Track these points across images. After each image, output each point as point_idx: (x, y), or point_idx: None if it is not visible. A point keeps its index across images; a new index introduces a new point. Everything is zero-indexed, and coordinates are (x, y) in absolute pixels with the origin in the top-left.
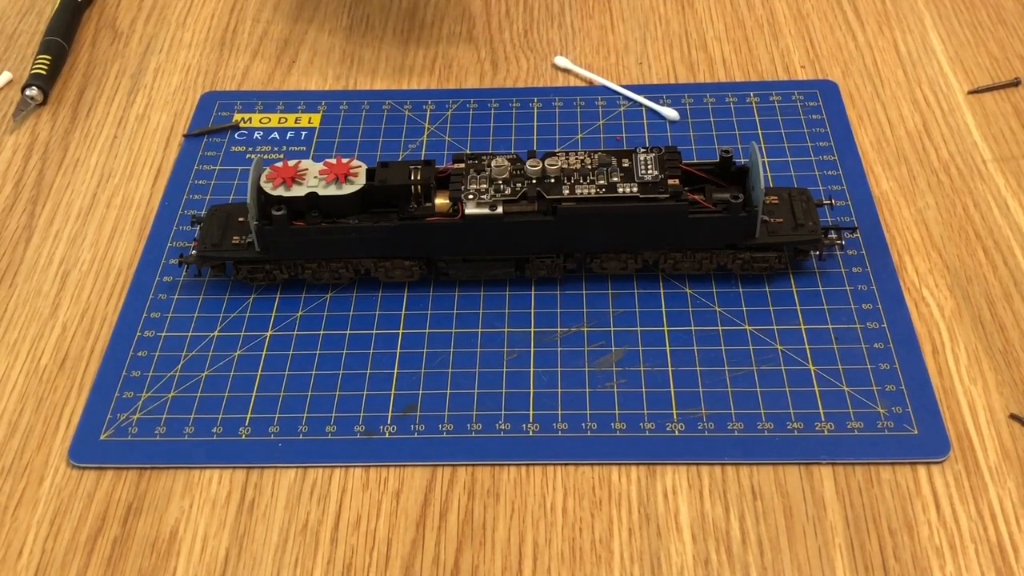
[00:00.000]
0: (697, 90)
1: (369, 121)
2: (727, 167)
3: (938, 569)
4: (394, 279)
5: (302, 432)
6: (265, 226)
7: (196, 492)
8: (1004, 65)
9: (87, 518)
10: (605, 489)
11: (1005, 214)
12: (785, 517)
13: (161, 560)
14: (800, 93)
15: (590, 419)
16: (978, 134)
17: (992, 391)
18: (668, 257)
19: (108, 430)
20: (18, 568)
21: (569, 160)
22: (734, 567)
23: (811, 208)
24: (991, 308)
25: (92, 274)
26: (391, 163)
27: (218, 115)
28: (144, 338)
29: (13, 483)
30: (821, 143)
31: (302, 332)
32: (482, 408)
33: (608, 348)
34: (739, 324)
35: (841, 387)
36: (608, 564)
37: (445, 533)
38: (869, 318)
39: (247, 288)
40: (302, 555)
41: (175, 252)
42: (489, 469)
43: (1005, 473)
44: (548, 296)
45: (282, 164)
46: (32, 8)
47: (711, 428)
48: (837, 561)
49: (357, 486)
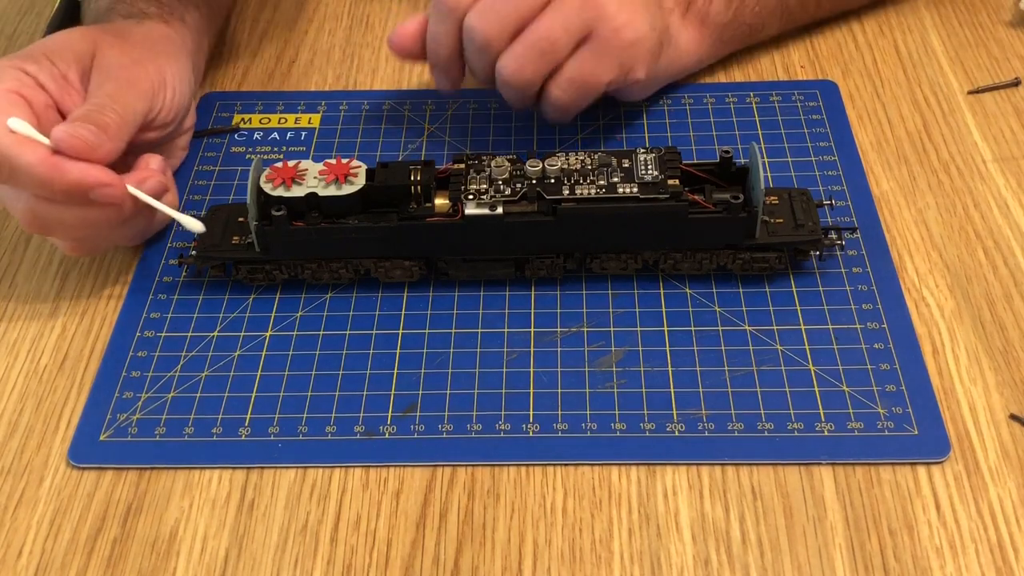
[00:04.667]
0: (697, 90)
1: (369, 121)
2: (727, 167)
3: (938, 569)
4: (394, 279)
5: (302, 432)
6: (265, 226)
7: (196, 492)
8: (1004, 65)
9: (87, 518)
10: (605, 489)
11: (1005, 214)
12: (785, 517)
13: (161, 560)
14: (800, 93)
15: (590, 419)
16: (978, 134)
17: (992, 391)
18: (668, 257)
19: (108, 430)
20: (18, 568)
21: (569, 160)
22: (734, 567)
23: (811, 208)
24: (991, 308)
25: (92, 274)
26: (391, 163)
27: (218, 115)
28: (144, 338)
29: (13, 483)
30: (821, 143)
31: (302, 332)
32: (482, 408)
33: (608, 348)
34: (739, 324)
35: (841, 387)
36: (608, 564)
37: (445, 533)
38: (869, 318)
39: (247, 288)
40: (302, 555)
41: (175, 252)
42: (489, 469)
43: (1005, 473)
44: (548, 296)
45: (282, 164)
46: (32, 8)
47: (711, 428)
48: (837, 561)
49: (357, 486)
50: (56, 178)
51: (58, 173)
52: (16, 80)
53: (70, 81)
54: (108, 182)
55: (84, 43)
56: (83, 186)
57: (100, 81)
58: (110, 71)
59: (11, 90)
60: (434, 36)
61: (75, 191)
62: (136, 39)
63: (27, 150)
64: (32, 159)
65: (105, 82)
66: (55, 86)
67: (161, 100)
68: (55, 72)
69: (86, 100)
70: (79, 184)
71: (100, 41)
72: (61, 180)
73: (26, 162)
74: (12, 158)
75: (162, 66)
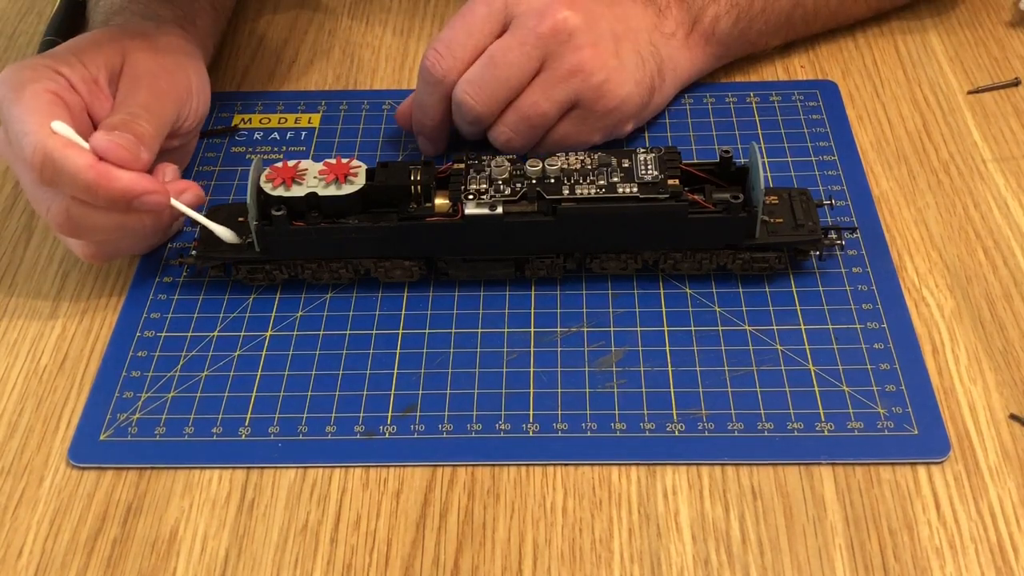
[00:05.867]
0: (697, 90)
1: (369, 121)
2: (727, 167)
3: (938, 569)
4: (394, 279)
5: (302, 432)
6: (265, 226)
7: (196, 492)
8: (1004, 65)
9: (87, 518)
10: (605, 489)
11: (1005, 214)
12: (785, 517)
13: (161, 560)
14: (800, 93)
15: (590, 419)
16: (978, 134)
17: (992, 391)
18: (668, 257)
19: (108, 430)
20: (18, 568)
21: (569, 160)
22: (734, 567)
23: (811, 208)
24: (991, 308)
25: (92, 274)
26: (391, 163)
27: (218, 115)
28: (144, 338)
29: (13, 483)
30: (821, 143)
31: (302, 332)
32: (482, 408)
33: (608, 348)
34: (739, 324)
35: (841, 387)
36: (608, 564)
37: (445, 533)
38: (869, 318)
39: (247, 288)
40: (302, 555)
41: (175, 252)
42: (489, 469)
43: (1005, 473)
44: (548, 296)
45: (282, 164)
46: (32, 8)
47: (711, 428)
48: (837, 561)
49: (357, 486)
50: (104, 184)
51: (106, 180)
52: (53, 81)
53: (100, 85)
54: (155, 190)
55: (113, 47)
56: (132, 194)
57: (131, 89)
58: (140, 79)
59: (49, 91)
60: (421, 106)
61: (122, 198)
62: (162, 46)
63: (74, 154)
64: (81, 163)
65: (137, 90)
66: (86, 89)
67: (188, 109)
68: (86, 75)
69: (117, 107)
70: (127, 192)
71: (129, 46)
72: (109, 187)
73: (74, 166)
74: (59, 160)
75: (188, 75)
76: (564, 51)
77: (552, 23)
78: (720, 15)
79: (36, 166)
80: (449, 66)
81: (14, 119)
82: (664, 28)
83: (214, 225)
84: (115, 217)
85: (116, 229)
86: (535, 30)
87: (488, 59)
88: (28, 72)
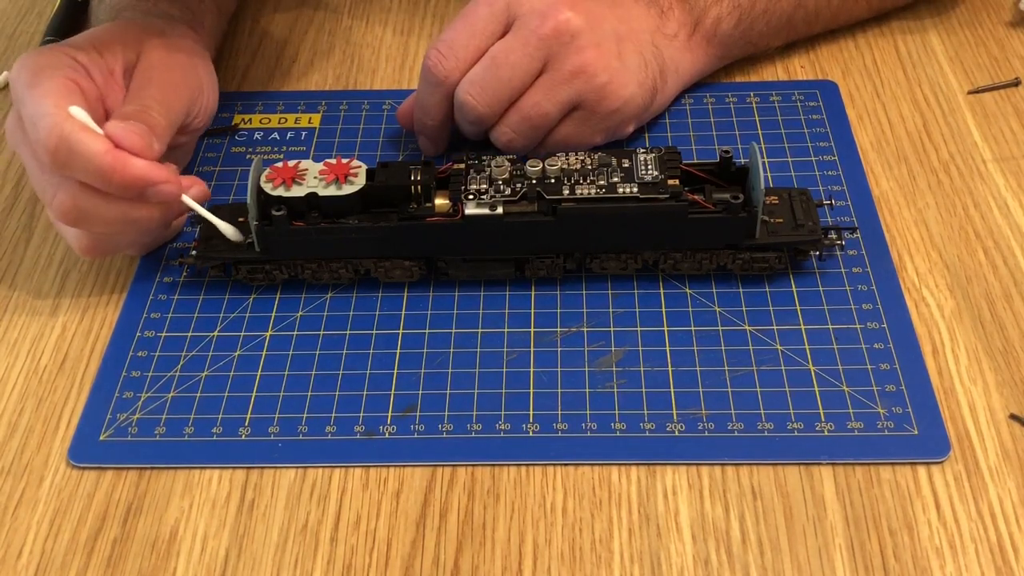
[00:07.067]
0: (697, 90)
1: (369, 121)
2: (727, 167)
3: (938, 569)
4: (394, 279)
5: (302, 432)
6: (265, 226)
7: (196, 492)
8: (1004, 65)
9: (87, 518)
10: (605, 489)
11: (1005, 214)
12: (785, 517)
13: (161, 560)
14: (800, 93)
15: (590, 419)
16: (978, 134)
17: (992, 391)
18: (668, 257)
19: (108, 430)
20: (18, 568)
21: (569, 160)
22: (734, 567)
23: (811, 208)
24: (991, 308)
25: (92, 274)
26: (391, 163)
27: (218, 115)
28: (144, 338)
29: (13, 483)
30: (821, 143)
31: (302, 332)
32: (482, 408)
33: (608, 348)
34: (739, 324)
35: (841, 387)
36: (608, 564)
37: (445, 533)
38: (869, 318)
39: (247, 288)
40: (302, 555)
41: (175, 252)
42: (489, 469)
43: (1005, 473)
44: (548, 296)
45: (282, 164)
46: (32, 8)
47: (711, 428)
48: (837, 561)
49: (357, 486)
50: (119, 169)
51: (121, 165)
52: (71, 68)
53: (115, 76)
54: (169, 179)
55: (130, 40)
56: (146, 181)
57: (145, 81)
58: (154, 73)
59: (67, 76)
60: (422, 106)
61: (136, 185)
62: (176, 43)
63: (90, 138)
64: (97, 148)
65: (150, 84)
66: (102, 79)
67: (199, 106)
68: (103, 65)
69: (130, 98)
70: (142, 179)
71: (145, 41)
72: (124, 172)
73: (89, 150)
74: (75, 144)
75: (199, 73)
76: (567, 52)
77: (555, 24)
78: (722, 16)
79: (51, 148)
80: (451, 66)
81: (30, 102)
82: (666, 29)
83: (219, 221)
84: (122, 207)
85: (120, 221)
86: (537, 31)
87: (490, 60)
88: (47, 57)
